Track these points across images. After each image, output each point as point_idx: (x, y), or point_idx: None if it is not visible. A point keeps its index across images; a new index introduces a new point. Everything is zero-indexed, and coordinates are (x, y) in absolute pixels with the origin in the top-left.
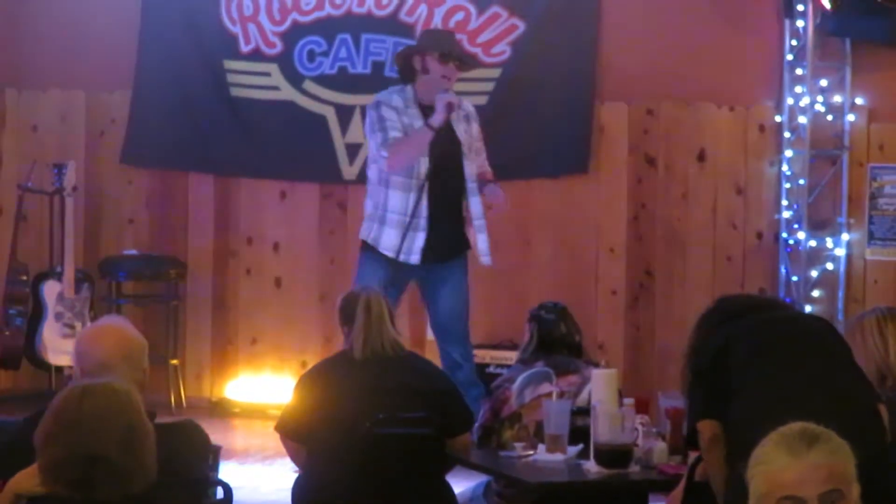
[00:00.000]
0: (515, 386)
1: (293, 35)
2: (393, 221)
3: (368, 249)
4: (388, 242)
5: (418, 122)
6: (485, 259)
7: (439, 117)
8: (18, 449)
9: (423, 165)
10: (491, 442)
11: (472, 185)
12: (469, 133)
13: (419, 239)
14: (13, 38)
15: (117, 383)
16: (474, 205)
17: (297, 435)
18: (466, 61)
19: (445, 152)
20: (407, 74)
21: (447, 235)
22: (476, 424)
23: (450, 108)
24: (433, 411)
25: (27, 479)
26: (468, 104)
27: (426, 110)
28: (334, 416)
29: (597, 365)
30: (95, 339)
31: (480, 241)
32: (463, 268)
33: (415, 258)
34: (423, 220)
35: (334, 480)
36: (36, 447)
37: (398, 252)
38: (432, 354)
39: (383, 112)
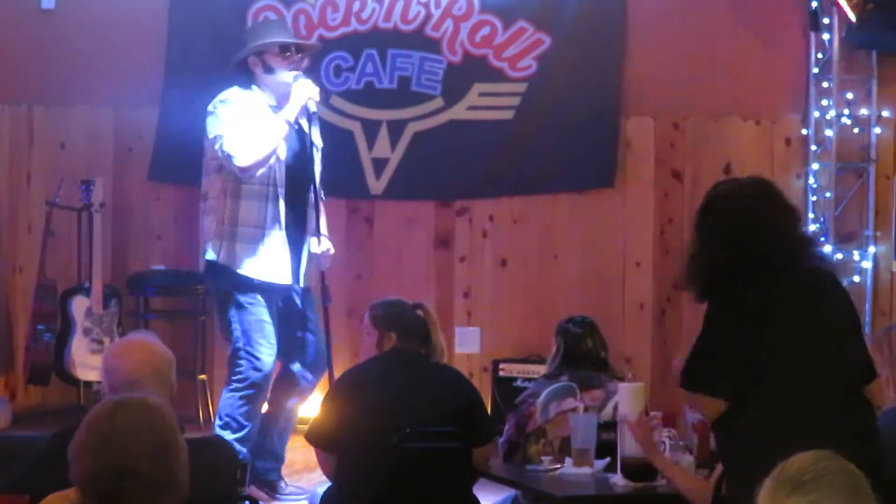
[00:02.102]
0: (540, 401)
1: (319, 50)
2: (247, 236)
3: (224, 273)
4: (246, 260)
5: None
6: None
7: (295, 107)
8: (47, 464)
9: (279, 170)
10: (516, 457)
11: (319, 195)
12: (314, 135)
13: (282, 255)
14: (41, 56)
15: (151, 398)
16: (322, 218)
17: (326, 444)
18: (306, 47)
19: (299, 154)
20: (245, 79)
21: (303, 251)
22: (501, 440)
23: (306, 105)
24: (459, 422)
25: (58, 501)
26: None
27: (275, 111)
28: (362, 426)
29: (622, 379)
30: (123, 354)
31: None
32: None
33: (284, 276)
34: (282, 233)
35: (362, 493)
36: (70, 460)
37: (262, 271)
38: (459, 364)
39: (232, 110)
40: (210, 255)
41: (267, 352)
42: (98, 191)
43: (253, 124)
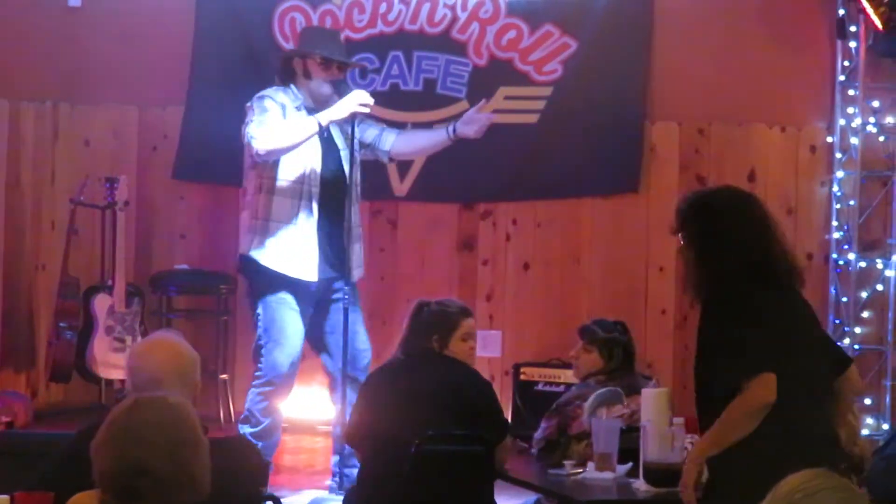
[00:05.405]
0: (588, 405)
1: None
2: (277, 231)
3: (255, 268)
4: (274, 255)
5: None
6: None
7: (337, 112)
8: (72, 462)
9: (315, 167)
10: (554, 456)
11: (355, 192)
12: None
13: (311, 252)
14: (66, 53)
15: (171, 397)
16: (356, 213)
17: (358, 443)
18: (348, 65)
19: (341, 156)
20: (286, 76)
21: (340, 248)
22: (537, 436)
23: (354, 114)
24: (472, 419)
25: (84, 501)
26: None
27: (310, 113)
28: (375, 427)
29: (651, 379)
30: (147, 353)
31: (357, 252)
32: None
33: (310, 273)
34: (313, 230)
35: (380, 493)
36: (92, 458)
37: (288, 266)
38: (480, 368)
39: (266, 104)
40: (242, 249)
41: (285, 351)
42: (122, 189)
43: (280, 116)
